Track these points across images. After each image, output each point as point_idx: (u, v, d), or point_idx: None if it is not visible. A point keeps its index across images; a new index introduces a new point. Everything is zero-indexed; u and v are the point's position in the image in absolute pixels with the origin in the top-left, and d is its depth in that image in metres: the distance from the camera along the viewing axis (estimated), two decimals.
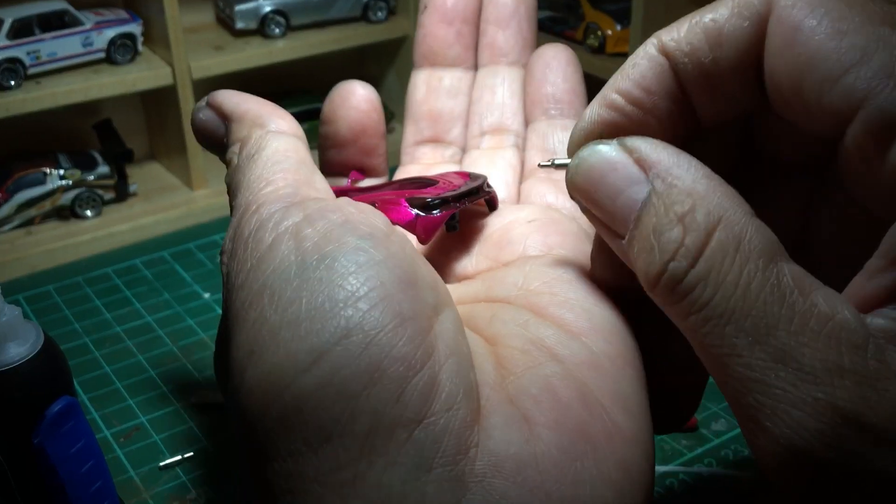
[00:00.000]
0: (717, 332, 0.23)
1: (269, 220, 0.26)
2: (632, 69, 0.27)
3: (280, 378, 0.23)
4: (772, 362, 0.22)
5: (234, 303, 0.25)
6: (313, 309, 0.23)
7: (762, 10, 0.24)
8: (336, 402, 0.22)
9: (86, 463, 0.38)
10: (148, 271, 0.67)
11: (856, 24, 0.23)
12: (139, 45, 0.72)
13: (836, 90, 0.22)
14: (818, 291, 0.23)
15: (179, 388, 0.54)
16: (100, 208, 0.73)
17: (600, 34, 0.73)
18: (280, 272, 0.24)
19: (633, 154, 0.25)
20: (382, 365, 0.23)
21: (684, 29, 0.26)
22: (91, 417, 0.51)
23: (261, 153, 0.29)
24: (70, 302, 0.63)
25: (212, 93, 0.33)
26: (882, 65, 0.22)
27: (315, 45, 0.80)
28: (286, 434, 0.23)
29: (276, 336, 0.23)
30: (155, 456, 0.48)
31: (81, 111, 0.74)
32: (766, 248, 0.23)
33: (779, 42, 0.24)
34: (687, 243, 0.24)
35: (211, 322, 0.60)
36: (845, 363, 0.21)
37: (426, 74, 0.41)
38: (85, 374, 0.55)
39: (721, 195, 0.24)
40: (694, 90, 0.26)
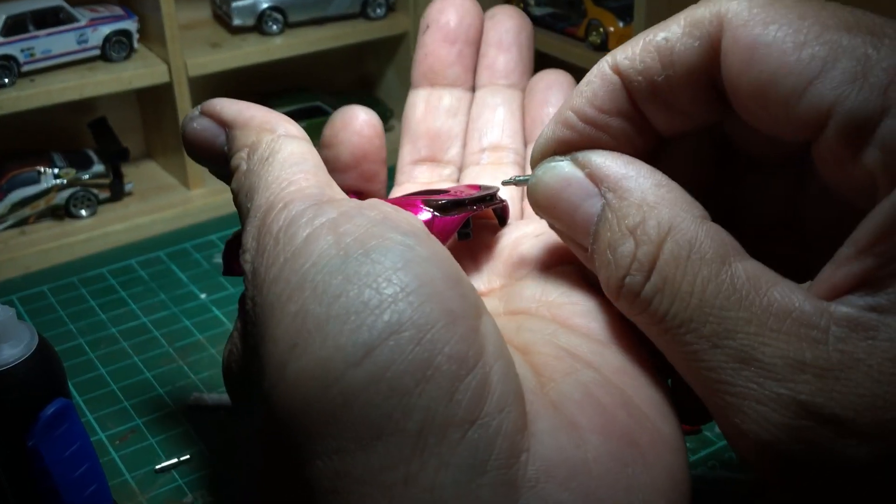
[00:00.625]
0: (679, 340, 0.24)
1: (301, 217, 0.26)
2: (585, 87, 0.28)
3: (328, 372, 0.23)
4: (734, 363, 0.23)
5: (267, 297, 0.25)
6: (361, 303, 0.23)
7: (712, 29, 0.25)
8: (388, 398, 0.22)
9: (80, 466, 0.38)
10: (144, 272, 0.67)
11: (813, 33, 0.23)
12: (135, 42, 0.72)
13: (803, 103, 0.23)
14: (775, 287, 0.23)
15: (176, 391, 0.54)
16: (95, 208, 0.73)
17: (602, 31, 0.72)
18: (321, 266, 0.24)
19: (585, 168, 0.27)
20: (435, 362, 0.23)
21: (638, 48, 0.26)
22: (86, 420, 0.51)
23: (275, 156, 0.29)
24: (65, 303, 0.63)
25: (204, 102, 0.33)
26: (844, 71, 0.22)
27: (313, 42, 0.80)
28: (333, 430, 0.22)
29: (323, 329, 0.23)
30: (151, 459, 0.48)
31: (76, 109, 0.74)
32: (718, 251, 0.24)
33: (737, 62, 0.24)
34: (639, 256, 0.25)
35: (208, 323, 0.60)
36: (806, 357, 0.22)
37: (425, 93, 0.41)
38: (80, 375, 0.55)
39: (670, 203, 0.25)
40: (648, 107, 0.27)
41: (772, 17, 0.24)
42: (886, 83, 0.22)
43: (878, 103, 0.22)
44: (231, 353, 0.28)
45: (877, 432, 0.22)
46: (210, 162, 0.33)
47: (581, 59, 0.74)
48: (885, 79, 0.22)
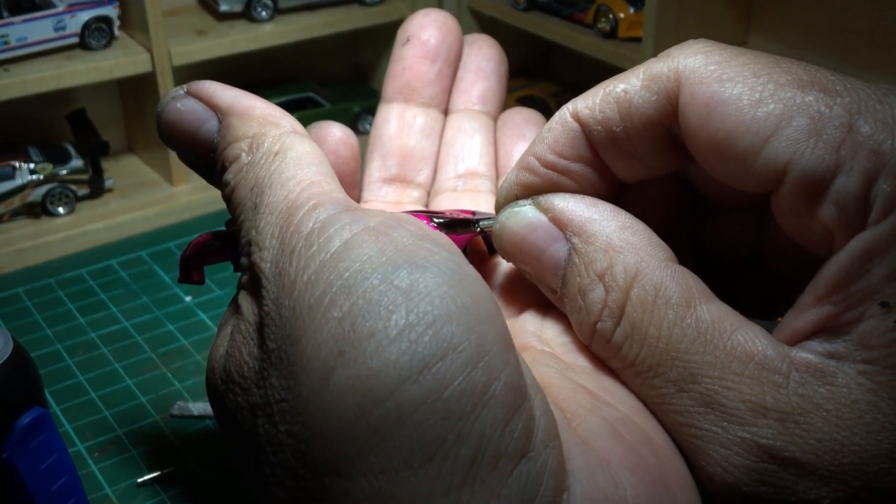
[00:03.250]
0: (648, 384, 0.26)
1: (336, 220, 0.26)
2: (547, 134, 0.29)
3: (381, 384, 0.23)
4: (700, 407, 0.25)
5: (302, 299, 0.25)
6: (418, 315, 0.23)
7: (669, 85, 0.27)
8: (444, 419, 0.22)
9: (58, 479, 0.38)
10: (125, 273, 0.67)
11: (768, 91, 0.25)
12: (115, 29, 0.72)
13: (759, 160, 0.25)
14: (739, 331, 0.25)
15: (159, 399, 0.54)
16: (73, 205, 0.73)
17: (612, 17, 0.73)
18: (369, 273, 0.24)
19: (548, 212, 0.29)
20: (492, 387, 0.23)
21: (598, 98, 0.28)
22: (63, 430, 0.51)
23: (287, 152, 0.29)
24: (41, 306, 0.63)
25: (192, 83, 0.32)
26: (799, 129, 0.24)
27: (305, 29, 0.80)
28: (383, 448, 0.22)
29: (375, 339, 0.23)
30: (132, 471, 0.48)
31: (53, 100, 0.74)
32: (683, 295, 0.26)
33: (695, 118, 0.26)
34: (609, 303, 0.27)
35: (193, 327, 0.61)
36: (767, 401, 0.24)
37: (399, 109, 0.41)
38: (57, 383, 0.55)
39: (636, 248, 0.27)
40: (608, 156, 0.29)
41: (728, 74, 0.26)
42: (839, 141, 0.24)
43: (831, 160, 0.24)
44: (231, 356, 0.28)
45: (836, 475, 0.23)
46: (189, 148, 0.32)
47: (589, 47, 0.74)
48: (838, 136, 0.24)
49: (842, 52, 0.68)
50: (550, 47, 0.90)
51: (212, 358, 0.30)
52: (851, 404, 0.24)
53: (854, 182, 0.24)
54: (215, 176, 0.32)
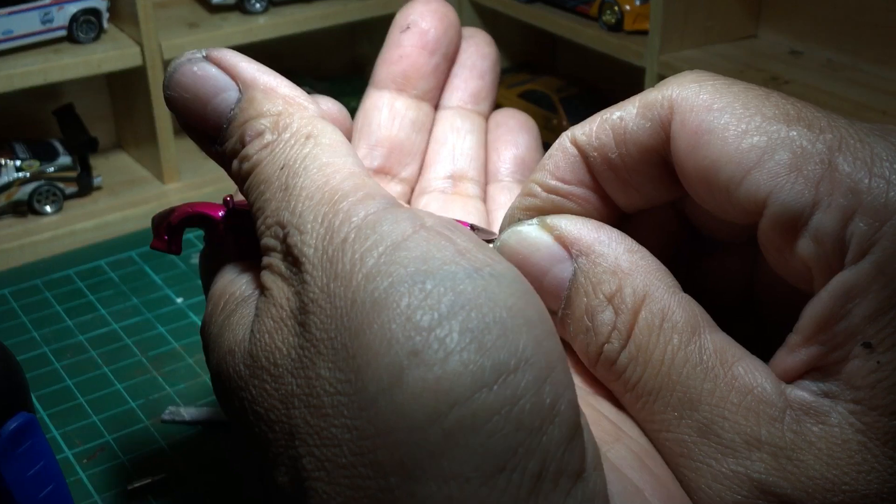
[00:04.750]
0: (648, 409, 0.27)
1: (391, 215, 0.26)
2: (548, 161, 0.30)
3: (456, 388, 0.23)
4: (696, 436, 0.26)
5: (359, 290, 0.24)
6: (491, 323, 0.23)
7: (663, 113, 0.28)
8: (516, 430, 0.23)
9: (45, 487, 0.38)
10: (114, 273, 0.67)
11: (754, 123, 0.26)
12: (104, 21, 0.72)
13: (741, 190, 0.26)
14: (740, 362, 0.26)
15: (149, 404, 0.54)
16: (60, 203, 0.73)
17: (618, 9, 0.73)
18: (437, 274, 0.24)
19: (553, 232, 0.29)
20: (559, 404, 0.23)
21: (595, 125, 0.29)
22: (51, 436, 0.51)
23: (320, 137, 0.29)
24: (27, 307, 0.63)
25: (210, 49, 0.32)
26: (780, 163, 0.25)
27: (300, 21, 0.80)
28: (457, 453, 0.23)
29: (451, 340, 0.23)
30: (122, 479, 0.48)
31: (40, 95, 0.74)
32: (689, 322, 0.27)
33: (683, 146, 0.27)
34: (618, 325, 0.27)
35: (184, 330, 0.60)
36: (762, 435, 0.25)
37: (390, 98, 0.41)
38: (44, 387, 0.55)
39: (644, 271, 0.28)
40: (606, 182, 0.30)
41: (718, 103, 0.27)
42: (819, 177, 0.25)
43: (810, 196, 0.25)
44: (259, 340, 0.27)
45: None
46: (197, 116, 0.31)
47: (594, 40, 0.74)
48: (818, 172, 0.25)
49: (854, 46, 0.68)
50: (554, 41, 0.90)
51: (226, 341, 0.29)
52: (843, 444, 0.24)
53: (831, 219, 0.24)
54: (223, 149, 0.31)
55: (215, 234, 0.34)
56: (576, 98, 0.84)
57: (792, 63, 0.69)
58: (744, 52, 0.71)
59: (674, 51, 0.69)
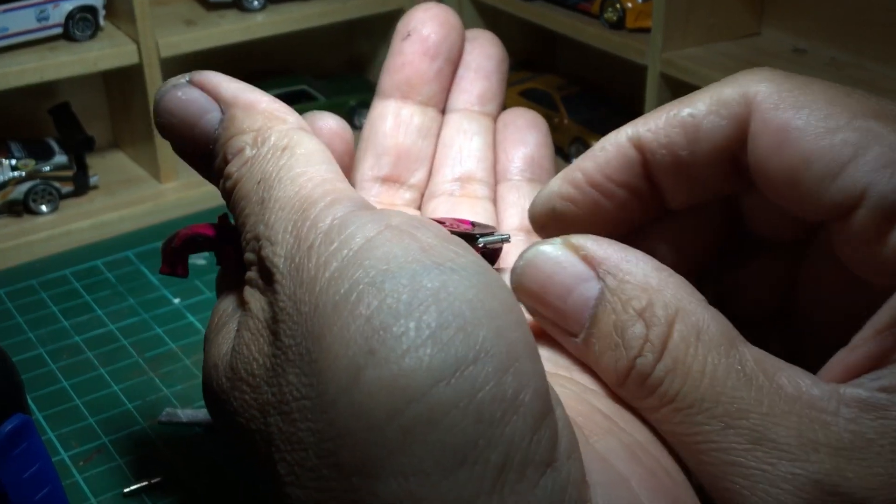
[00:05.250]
0: (689, 422, 0.26)
1: (356, 218, 0.26)
2: (599, 153, 0.30)
3: (412, 385, 0.23)
4: (747, 444, 0.25)
5: (325, 295, 0.25)
6: (449, 318, 0.24)
7: (740, 110, 0.28)
8: (476, 423, 0.23)
9: (41, 489, 0.38)
10: (111, 274, 0.67)
11: (844, 120, 0.26)
12: (101, 19, 0.72)
13: (835, 186, 0.26)
14: (782, 372, 0.26)
15: (146, 406, 0.54)
16: (56, 203, 0.73)
17: (619, 7, 0.73)
18: (396, 273, 0.24)
19: (579, 251, 0.29)
20: (521, 394, 0.23)
21: (662, 121, 0.29)
22: (47, 438, 0.51)
23: (296, 148, 0.30)
24: (23, 308, 0.63)
25: (194, 72, 0.33)
26: (877, 157, 0.25)
27: (298, 19, 0.80)
28: (416, 449, 0.23)
29: (406, 339, 0.23)
30: (119, 481, 0.48)
31: (36, 94, 0.74)
32: (726, 335, 0.27)
33: (768, 144, 0.27)
34: (651, 338, 0.27)
35: (181, 331, 0.60)
36: (819, 437, 0.25)
37: (395, 106, 0.42)
38: (40, 389, 0.55)
39: (674, 287, 0.28)
40: (667, 180, 0.30)
41: (802, 101, 0.27)
42: None
43: None
44: (238, 353, 0.28)
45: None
46: (187, 138, 0.32)
47: (595, 38, 0.74)
48: None
49: (858, 44, 0.68)
50: (555, 39, 0.90)
51: (211, 356, 0.30)
52: None
53: None
54: (212, 169, 0.32)
55: (221, 255, 0.35)
56: (577, 96, 0.84)
57: (795, 61, 0.69)
58: (747, 50, 0.71)
59: (676, 49, 0.69)
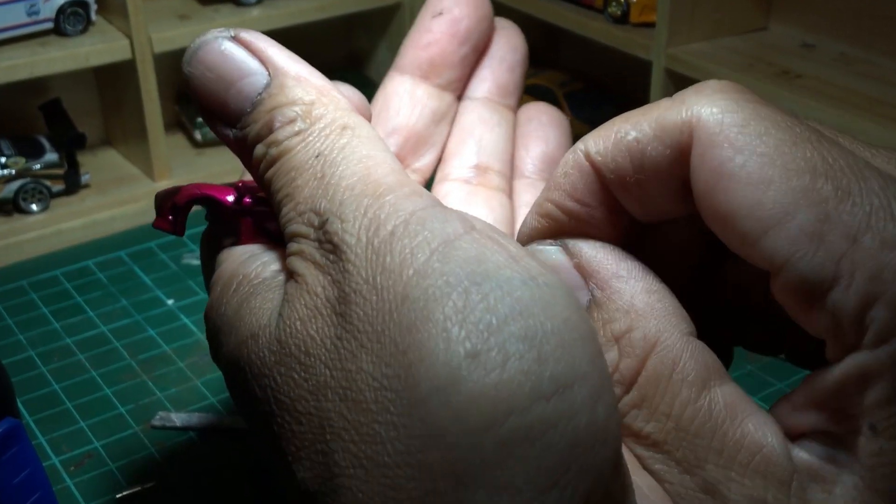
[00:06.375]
0: (651, 458, 0.27)
1: (440, 214, 0.26)
2: (563, 179, 0.30)
3: (515, 396, 0.23)
4: (700, 493, 0.26)
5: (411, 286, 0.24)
6: (553, 334, 0.23)
7: (683, 140, 0.27)
8: (571, 447, 0.23)
9: (31, 495, 0.38)
10: (102, 274, 0.67)
11: (779, 172, 0.25)
12: (92, 13, 0.72)
13: (758, 248, 0.26)
14: (750, 419, 0.26)
15: (139, 409, 0.54)
16: (47, 202, 0.73)
17: (623, 1, 0.73)
18: (497, 276, 0.24)
19: (574, 258, 0.29)
20: (610, 425, 0.24)
21: (610, 143, 0.29)
22: (37, 442, 0.51)
23: (357, 129, 0.29)
24: (13, 309, 0.63)
25: (238, 29, 0.32)
26: (802, 227, 0.25)
27: (295, 13, 0.80)
28: (508, 463, 0.23)
29: (512, 346, 0.23)
30: (111, 487, 0.48)
31: (26, 90, 0.74)
32: (700, 374, 0.27)
33: (702, 185, 0.27)
34: (621, 368, 0.27)
35: (175, 332, 0.60)
36: (768, 499, 0.25)
37: (411, 85, 0.41)
38: (30, 392, 0.55)
39: (659, 314, 0.27)
40: (623, 199, 0.30)
41: (742, 140, 0.26)
42: (841, 252, 0.24)
43: (830, 270, 0.24)
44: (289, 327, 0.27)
45: None
46: (219, 97, 0.31)
47: (599, 33, 0.74)
48: (842, 247, 0.24)
49: (867, 38, 0.68)
50: (558, 33, 0.90)
51: (246, 325, 0.29)
52: None
53: (851, 301, 0.24)
54: (244, 133, 0.31)
55: (221, 216, 0.34)
56: (580, 93, 0.84)
57: (804, 56, 0.69)
58: (754, 45, 0.71)
59: (681, 44, 0.69)
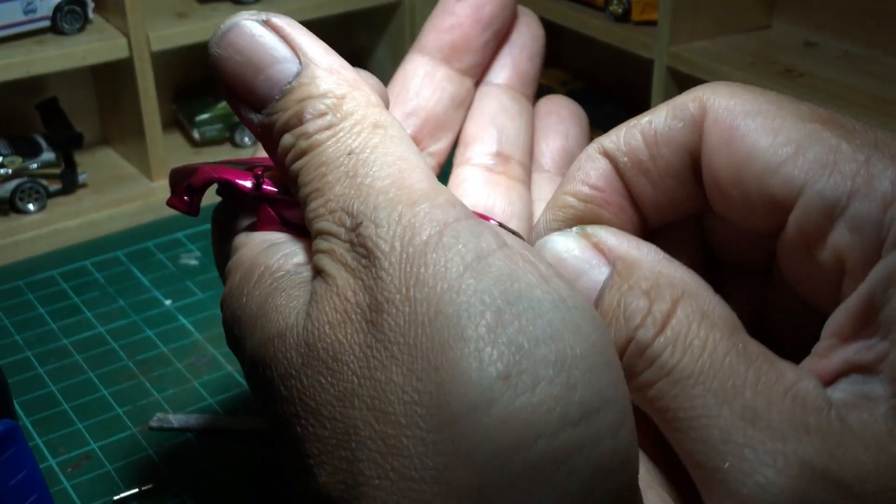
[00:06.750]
0: (684, 395, 0.27)
1: (473, 227, 0.26)
2: (577, 172, 0.32)
3: (545, 420, 0.23)
4: (740, 421, 0.26)
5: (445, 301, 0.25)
6: (581, 359, 0.24)
7: (696, 112, 0.29)
8: (594, 474, 0.23)
9: (28, 497, 0.38)
10: (100, 274, 0.67)
11: (788, 122, 0.28)
12: (89, 11, 0.72)
13: (775, 180, 0.27)
14: (780, 361, 0.27)
15: (137, 411, 0.54)
16: (44, 201, 0.73)
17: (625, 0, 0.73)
18: (528, 296, 0.25)
19: (591, 238, 0.30)
20: (631, 452, 0.24)
21: (622, 131, 0.31)
22: (34, 444, 0.51)
23: (389, 129, 0.29)
24: (9, 310, 0.63)
25: (270, 13, 0.32)
26: (816, 156, 0.27)
27: (293, 11, 0.80)
28: (534, 486, 0.23)
29: (543, 370, 0.24)
30: (108, 488, 0.48)
31: (23, 89, 0.74)
32: (730, 320, 0.27)
33: (716, 140, 0.29)
34: (654, 311, 0.27)
35: (173, 333, 0.60)
36: (811, 422, 0.25)
37: (431, 67, 0.41)
38: (27, 393, 0.55)
39: (683, 272, 0.29)
40: (636, 189, 0.31)
41: (752, 105, 0.29)
42: (855, 171, 0.26)
43: (846, 187, 0.26)
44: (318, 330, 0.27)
45: (882, 499, 0.24)
46: (246, 82, 0.31)
47: (600, 31, 0.74)
48: (853, 167, 0.26)
49: (871, 37, 0.68)
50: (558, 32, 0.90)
51: (273, 323, 0.29)
52: (889, 434, 0.25)
53: (870, 206, 0.26)
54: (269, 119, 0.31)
55: (235, 199, 0.34)
56: (581, 92, 0.84)
57: (807, 55, 0.69)
58: (757, 43, 0.71)
59: (684, 42, 0.69)
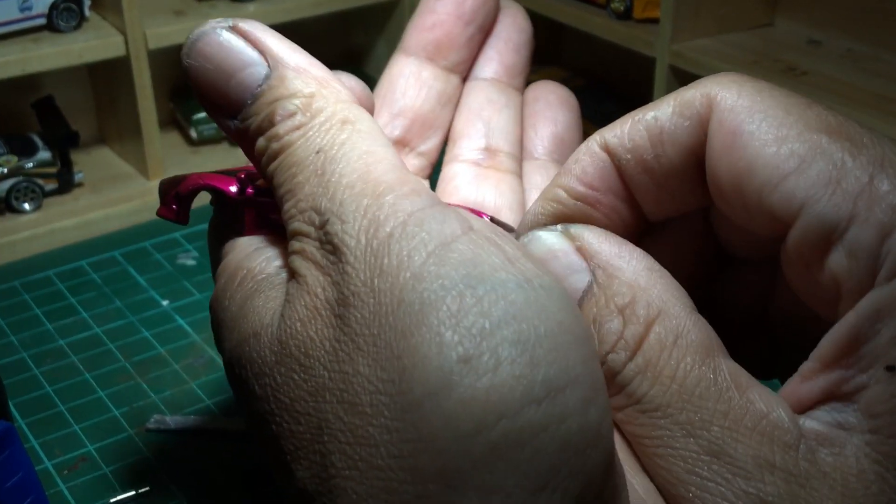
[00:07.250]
0: (651, 424, 0.27)
1: (438, 214, 0.26)
2: (574, 165, 0.31)
3: (506, 400, 0.23)
4: (705, 455, 0.26)
5: (407, 289, 0.25)
6: (546, 337, 0.24)
7: (702, 111, 0.28)
8: (561, 451, 0.23)
9: (24, 499, 0.38)
10: (96, 274, 0.67)
11: (795, 131, 0.27)
12: (86, 9, 0.72)
13: (775, 196, 0.26)
14: (754, 389, 0.26)
15: (133, 412, 0.54)
16: (40, 201, 0.73)
17: None
18: (491, 279, 0.25)
19: (575, 241, 0.30)
20: (602, 428, 0.24)
21: (627, 126, 0.30)
22: (30, 446, 0.51)
23: (357, 123, 0.29)
24: (5, 311, 0.63)
25: (237, 19, 0.32)
26: (819, 173, 0.26)
27: (291, 9, 0.80)
28: (498, 466, 0.23)
29: (504, 351, 0.24)
30: (104, 491, 0.48)
31: (18, 87, 0.74)
32: (704, 344, 0.27)
33: (719, 146, 0.28)
34: (626, 336, 0.27)
35: (170, 334, 0.60)
36: (776, 460, 0.25)
37: (417, 66, 0.41)
38: (22, 394, 0.55)
39: (662, 288, 0.28)
40: (637, 187, 0.30)
41: (758, 107, 0.27)
42: (857, 192, 0.25)
43: (847, 210, 0.25)
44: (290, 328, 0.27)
45: None
46: (219, 89, 0.31)
47: (602, 29, 0.74)
48: (856, 188, 0.25)
49: (874, 35, 0.68)
50: (560, 29, 0.90)
51: (249, 322, 0.29)
52: (859, 474, 0.25)
53: (868, 234, 0.25)
54: (245, 126, 0.31)
55: (226, 206, 0.34)
56: (582, 90, 0.84)
57: (810, 53, 0.69)
58: (759, 41, 0.71)
59: (686, 40, 0.69)
